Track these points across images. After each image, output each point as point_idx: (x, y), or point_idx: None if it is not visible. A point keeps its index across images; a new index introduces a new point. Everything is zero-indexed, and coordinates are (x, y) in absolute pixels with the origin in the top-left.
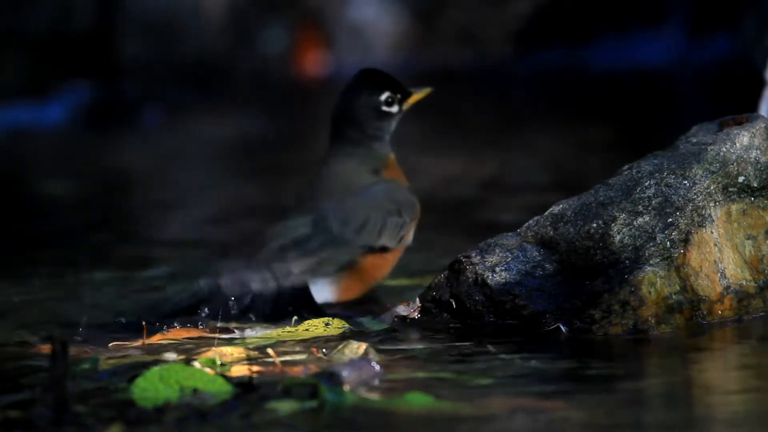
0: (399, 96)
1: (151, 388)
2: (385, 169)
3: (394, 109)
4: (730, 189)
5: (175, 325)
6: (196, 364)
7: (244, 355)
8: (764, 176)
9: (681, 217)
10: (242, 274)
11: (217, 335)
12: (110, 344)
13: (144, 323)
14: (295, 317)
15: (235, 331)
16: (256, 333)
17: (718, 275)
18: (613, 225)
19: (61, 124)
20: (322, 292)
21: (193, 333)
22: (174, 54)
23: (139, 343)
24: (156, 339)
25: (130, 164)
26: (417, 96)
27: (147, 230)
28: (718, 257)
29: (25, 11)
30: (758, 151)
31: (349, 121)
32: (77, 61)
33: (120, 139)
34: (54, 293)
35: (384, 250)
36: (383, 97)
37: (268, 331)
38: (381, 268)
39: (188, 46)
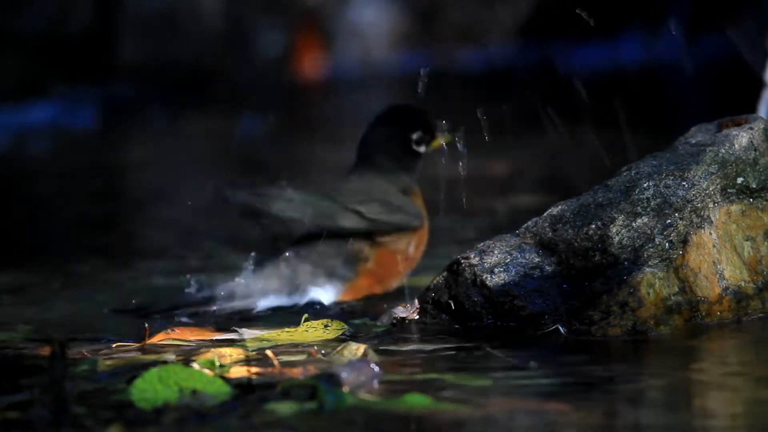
0: (428, 137)
1: (150, 389)
2: (411, 194)
3: (422, 149)
4: (728, 190)
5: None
6: (195, 365)
7: (243, 357)
8: (763, 177)
9: (680, 218)
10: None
11: (219, 336)
12: (113, 345)
13: (146, 324)
14: (306, 315)
15: (237, 332)
16: (256, 334)
17: (717, 276)
18: (611, 226)
19: (59, 125)
20: (331, 292)
21: (196, 334)
22: (172, 55)
23: (140, 344)
24: (157, 339)
25: (128, 165)
26: (440, 141)
27: (146, 231)
28: (717, 258)
29: (24, 12)
30: (757, 152)
31: (378, 152)
32: (75, 62)
33: (118, 140)
34: (53, 293)
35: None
36: (415, 135)
37: (268, 332)
38: (388, 270)
39: (186, 47)
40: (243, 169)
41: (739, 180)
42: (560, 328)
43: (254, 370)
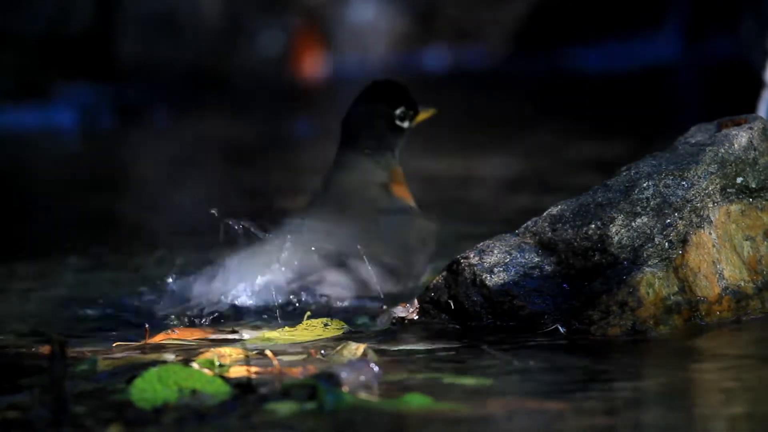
0: (411, 112)
1: (150, 388)
2: (392, 183)
3: (406, 124)
4: (728, 190)
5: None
6: (195, 365)
7: (242, 356)
8: (762, 177)
9: (679, 218)
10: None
11: (218, 336)
12: (114, 344)
13: (146, 325)
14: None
15: (240, 332)
16: (256, 334)
17: (717, 276)
18: (611, 226)
19: (59, 125)
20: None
21: (197, 334)
22: (172, 55)
23: (140, 344)
24: (158, 339)
25: (126, 165)
26: (424, 115)
27: (144, 231)
28: (717, 258)
29: (24, 12)
30: (756, 152)
31: (363, 130)
32: (75, 62)
33: (117, 140)
34: (53, 294)
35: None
36: (398, 111)
37: (267, 332)
38: None
39: (186, 47)
40: (242, 168)
41: (739, 180)
42: (560, 327)
43: (254, 369)
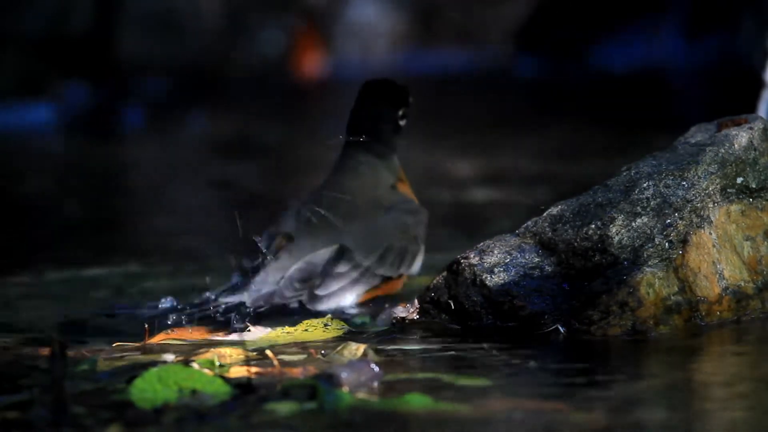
0: (406, 110)
1: (150, 388)
2: (399, 182)
3: (403, 122)
4: (728, 190)
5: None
6: (195, 365)
7: (242, 356)
8: (762, 177)
9: (679, 218)
10: (262, 290)
11: (217, 336)
12: (113, 344)
13: (146, 325)
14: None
15: (250, 329)
16: (255, 334)
17: (717, 276)
18: (611, 226)
19: (59, 125)
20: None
21: (196, 334)
22: (172, 55)
23: (140, 344)
24: (157, 339)
25: (126, 165)
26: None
27: (142, 232)
28: (717, 258)
29: (24, 12)
30: (756, 152)
31: (370, 134)
32: (75, 61)
33: (117, 140)
34: (49, 294)
35: (399, 276)
36: (400, 111)
37: (267, 333)
38: (389, 290)
39: (186, 46)
40: (240, 170)
41: (739, 180)
42: (560, 327)
43: (254, 370)
